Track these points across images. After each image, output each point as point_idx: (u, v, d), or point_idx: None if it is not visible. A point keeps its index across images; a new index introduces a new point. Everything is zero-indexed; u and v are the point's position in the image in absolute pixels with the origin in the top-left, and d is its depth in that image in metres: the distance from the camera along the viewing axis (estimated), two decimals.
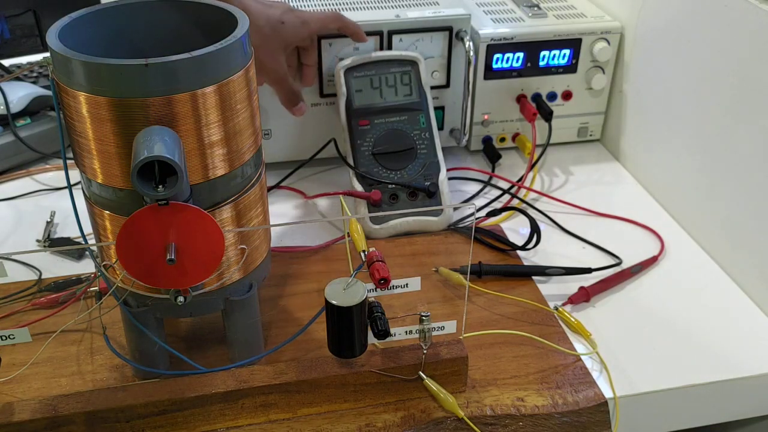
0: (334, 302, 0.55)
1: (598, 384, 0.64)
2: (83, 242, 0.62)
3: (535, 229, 0.78)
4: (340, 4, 0.92)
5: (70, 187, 0.58)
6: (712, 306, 0.74)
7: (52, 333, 0.66)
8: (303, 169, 0.93)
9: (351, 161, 0.84)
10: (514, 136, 0.99)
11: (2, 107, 0.95)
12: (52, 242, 0.81)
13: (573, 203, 0.89)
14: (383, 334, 0.56)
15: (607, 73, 0.96)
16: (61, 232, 0.84)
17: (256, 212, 0.59)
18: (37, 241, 0.82)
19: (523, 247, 0.79)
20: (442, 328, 0.59)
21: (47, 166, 0.96)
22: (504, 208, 0.84)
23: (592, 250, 0.81)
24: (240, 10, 0.56)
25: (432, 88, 0.91)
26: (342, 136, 0.85)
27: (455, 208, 0.87)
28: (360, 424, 0.60)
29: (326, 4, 0.92)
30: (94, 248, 0.58)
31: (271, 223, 0.64)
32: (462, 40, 0.88)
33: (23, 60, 1.11)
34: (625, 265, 0.78)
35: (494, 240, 0.81)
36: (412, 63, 0.87)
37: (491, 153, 0.97)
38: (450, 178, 0.88)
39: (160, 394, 0.57)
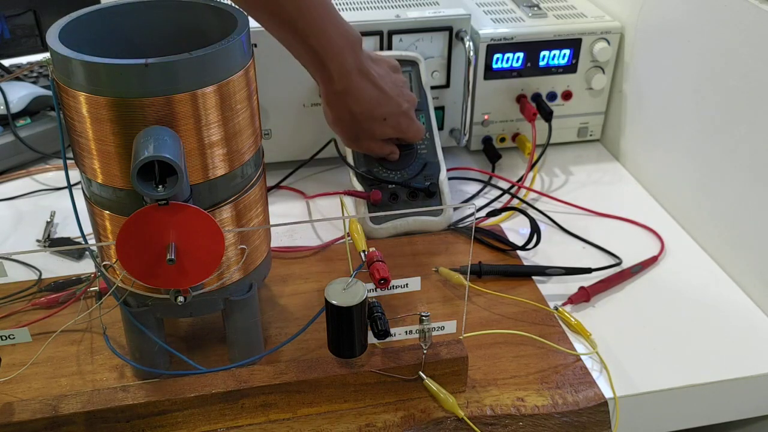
0: (334, 302, 0.55)
1: (598, 384, 0.64)
2: (83, 242, 0.62)
3: (535, 229, 0.78)
4: (340, 4, 0.92)
5: (70, 187, 0.58)
6: (712, 306, 0.74)
7: (52, 333, 0.66)
8: (303, 169, 0.93)
9: (351, 161, 0.84)
10: (514, 136, 0.99)
11: (2, 107, 0.95)
12: (52, 242, 0.81)
13: (573, 203, 0.89)
14: (383, 334, 0.57)
15: (607, 73, 0.96)
16: (61, 232, 0.84)
17: (256, 212, 0.59)
18: (37, 241, 0.82)
19: (523, 247, 0.79)
20: (442, 328, 0.59)
21: (47, 166, 0.96)
22: (504, 208, 0.84)
23: (592, 250, 0.81)
24: (240, 11, 0.56)
25: (432, 88, 0.91)
26: None
27: (455, 208, 0.87)
28: (360, 424, 0.60)
29: None
30: (94, 248, 0.58)
31: (271, 223, 0.64)
32: (462, 40, 0.88)
33: (23, 60, 1.11)
34: (625, 265, 0.78)
35: (494, 240, 0.81)
36: (412, 63, 0.87)
37: (491, 153, 0.97)
38: (450, 178, 0.88)
39: (160, 394, 0.57)
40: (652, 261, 0.79)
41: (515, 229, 0.84)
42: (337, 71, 0.67)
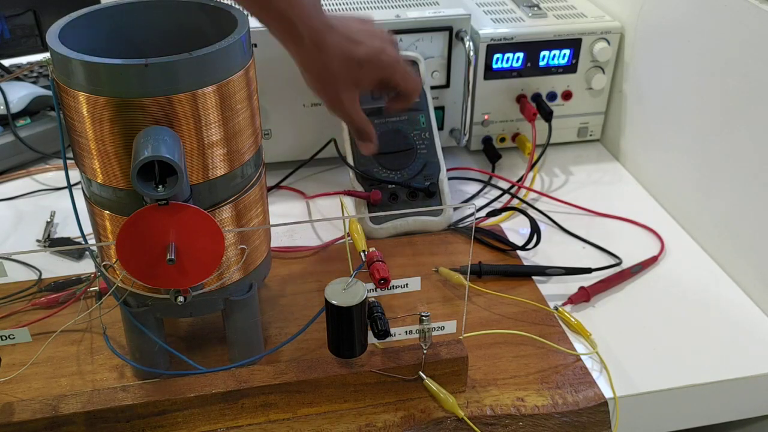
0: (334, 302, 0.55)
1: (598, 384, 0.64)
2: (83, 242, 0.62)
3: (535, 229, 0.78)
4: (341, 5, 0.92)
5: (70, 187, 0.58)
6: (712, 306, 0.74)
7: (52, 333, 0.66)
8: (303, 169, 0.93)
9: (351, 161, 0.84)
10: (514, 136, 0.99)
11: (2, 107, 0.95)
12: (52, 242, 0.81)
13: (573, 203, 0.89)
14: (383, 334, 0.56)
15: (607, 73, 0.96)
16: (61, 232, 0.84)
17: (256, 212, 0.59)
18: (37, 241, 0.82)
19: (523, 247, 0.79)
20: (442, 328, 0.59)
21: (47, 166, 0.96)
22: (504, 209, 0.84)
23: (592, 250, 0.81)
24: (240, 11, 0.56)
25: (432, 88, 0.91)
26: (342, 135, 0.85)
27: (455, 208, 0.87)
28: (360, 424, 0.60)
29: (327, 5, 0.92)
30: (94, 248, 0.58)
31: (271, 223, 0.64)
32: (462, 40, 0.88)
33: (23, 60, 1.11)
34: (625, 265, 0.78)
35: (494, 240, 0.81)
36: (412, 63, 0.87)
37: (491, 153, 0.97)
38: (450, 178, 0.88)
39: (160, 394, 0.57)
40: (652, 261, 0.79)
41: (515, 229, 0.84)
42: (306, 29, 0.68)
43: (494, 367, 0.65)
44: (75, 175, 0.82)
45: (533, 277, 0.76)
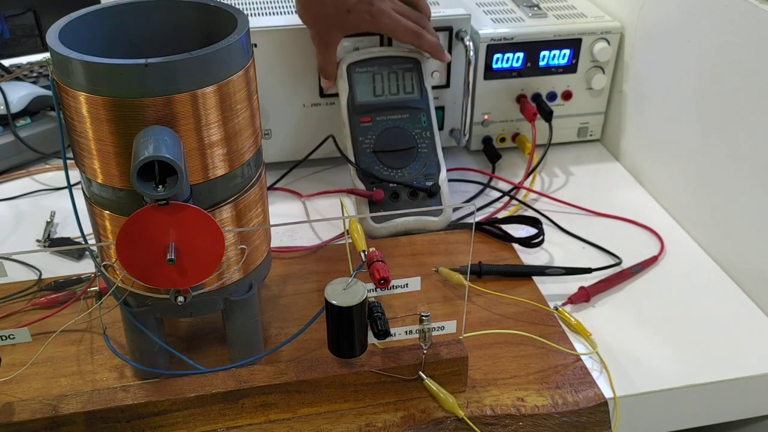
0: (334, 302, 0.55)
1: (598, 384, 0.64)
2: (83, 242, 0.62)
3: (540, 231, 0.78)
4: None
5: (70, 187, 0.58)
6: (712, 306, 0.74)
7: (52, 333, 0.66)
8: (302, 169, 0.93)
9: (352, 158, 0.83)
10: (514, 136, 0.99)
11: (2, 107, 0.95)
12: (52, 242, 0.81)
13: (573, 203, 0.89)
14: (383, 334, 0.56)
15: (607, 73, 0.96)
16: (61, 232, 0.84)
17: (256, 212, 0.59)
18: (37, 241, 0.82)
19: (527, 242, 0.79)
20: (442, 328, 0.59)
21: (47, 166, 0.96)
22: (507, 219, 0.83)
23: (592, 250, 0.81)
24: (240, 11, 0.56)
25: (432, 88, 0.91)
26: (343, 132, 0.85)
27: (455, 209, 0.87)
28: (360, 424, 0.60)
29: None
30: (94, 248, 0.58)
31: (271, 223, 0.64)
32: (462, 40, 0.88)
33: (23, 60, 1.11)
34: (625, 265, 0.78)
35: (495, 234, 0.81)
36: (415, 61, 0.87)
37: (491, 153, 0.97)
38: (450, 180, 0.87)
39: (160, 394, 0.57)
40: (652, 261, 0.79)
41: (516, 227, 0.84)
42: None
43: (494, 367, 0.65)
44: (75, 175, 0.82)
45: (533, 277, 0.76)
